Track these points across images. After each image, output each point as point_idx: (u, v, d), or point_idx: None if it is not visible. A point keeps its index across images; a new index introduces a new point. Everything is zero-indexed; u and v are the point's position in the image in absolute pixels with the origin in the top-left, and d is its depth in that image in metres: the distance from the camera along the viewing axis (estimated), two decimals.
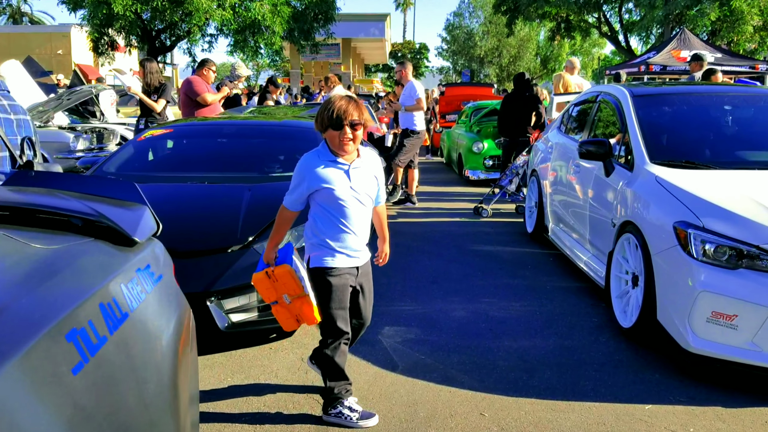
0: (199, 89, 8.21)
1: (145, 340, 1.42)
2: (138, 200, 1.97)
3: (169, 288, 1.80)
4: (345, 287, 3.25)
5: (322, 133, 3.19)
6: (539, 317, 4.79)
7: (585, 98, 6.68)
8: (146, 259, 1.70)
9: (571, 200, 5.96)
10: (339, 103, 3.12)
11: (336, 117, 3.08)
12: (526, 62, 48.55)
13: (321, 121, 3.14)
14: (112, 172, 5.23)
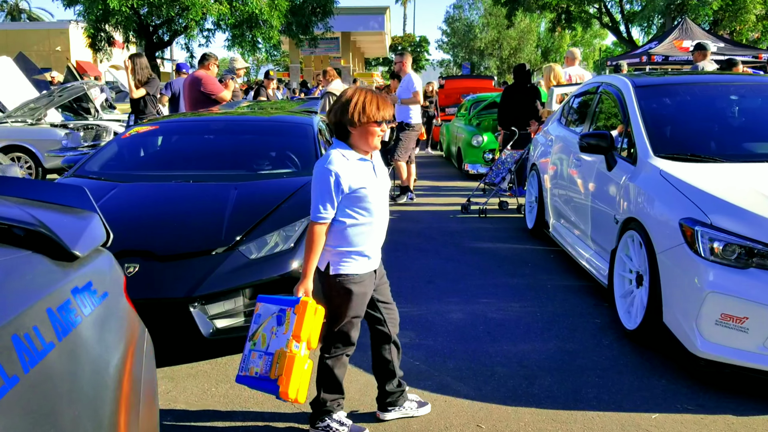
0: (217, 88, 8.15)
1: (75, 376, 1.23)
2: (87, 207, 1.76)
3: (116, 308, 1.60)
4: (366, 295, 3.04)
5: (351, 129, 2.86)
6: (539, 319, 4.59)
7: (586, 89, 6.46)
8: (87, 276, 1.50)
9: (572, 195, 5.76)
10: (369, 97, 2.86)
11: (370, 112, 2.84)
12: (526, 54, 48.19)
13: (351, 117, 2.83)
14: (95, 171, 5.03)
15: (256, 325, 2.87)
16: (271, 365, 2.77)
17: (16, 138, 10.19)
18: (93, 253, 1.64)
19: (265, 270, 3.94)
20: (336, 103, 2.91)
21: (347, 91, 2.94)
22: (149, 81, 8.21)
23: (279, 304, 2.86)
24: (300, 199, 4.46)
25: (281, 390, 2.73)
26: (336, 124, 2.89)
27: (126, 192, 4.55)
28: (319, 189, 2.88)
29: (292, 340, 2.76)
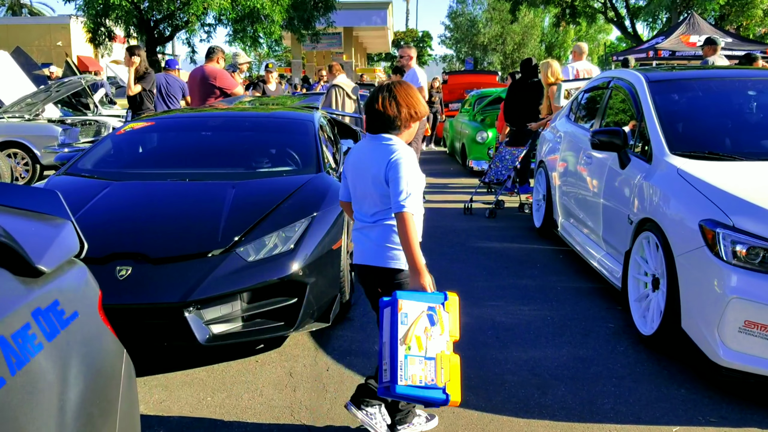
0: (231, 83, 8.06)
1: (31, 417, 1.05)
2: (60, 213, 1.58)
3: (87, 330, 1.41)
4: None
5: (403, 125, 2.78)
6: (550, 323, 4.40)
7: (596, 84, 6.26)
8: (52, 294, 1.32)
9: (583, 194, 5.56)
10: (415, 91, 2.83)
11: (423, 110, 2.80)
12: (530, 49, 47.82)
13: (408, 113, 2.75)
14: (88, 168, 4.85)
15: (405, 326, 2.52)
16: (435, 371, 2.48)
17: (13, 134, 10.01)
18: (64, 265, 1.45)
19: (264, 273, 3.76)
20: (390, 98, 2.77)
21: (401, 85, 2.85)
22: (145, 76, 8.03)
23: (424, 301, 2.57)
24: (300, 198, 4.27)
25: (452, 399, 2.48)
26: (387, 117, 2.76)
27: (119, 191, 4.37)
28: (407, 177, 2.68)
29: (450, 341, 2.55)
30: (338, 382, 3.60)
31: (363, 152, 2.87)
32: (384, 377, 2.53)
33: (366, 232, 2.86)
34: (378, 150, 2.77)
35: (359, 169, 2.85)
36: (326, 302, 4.07)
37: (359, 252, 2.90)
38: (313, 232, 4.03)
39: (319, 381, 3.62)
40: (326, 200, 4.29)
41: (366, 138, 2.91)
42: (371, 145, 2.83)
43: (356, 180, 2.87)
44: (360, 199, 2.87)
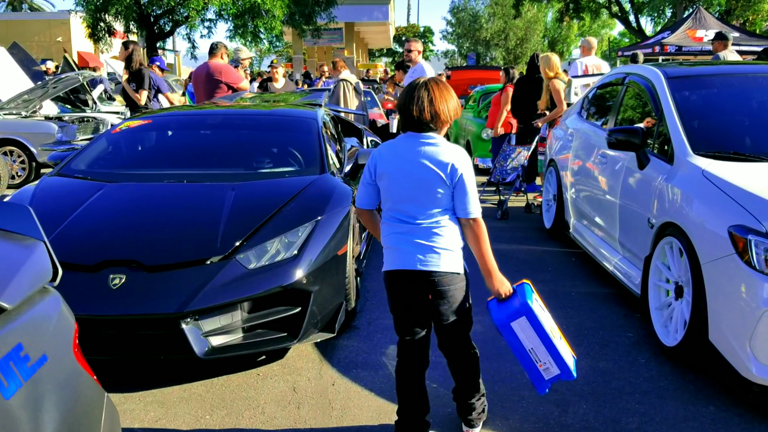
0: (238, 77, 7.92)
1: None
2: (31, 232, 1.36)
3: (58, 377, 1.19)
4: None
5: (446, 124, 2.73)
6: (567, 332, 4.18)
7: (610, 80, 6.03)
8: (14, 337, 1.10)
9: (597, 194, 5.34)
10: (451, 89, 2.78)
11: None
12: (533, 44, 47.47)
13: (453, 111, 2.71)
14: (81, 169, 4.63)
15: (547, 321, 2.89)
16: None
17: (9, 131, 9.79)
18: (34, 296, 1.23)
19: (266, 281, 3.56)
20: (431, 97, 2.68)
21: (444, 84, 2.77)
22: (140, 73, 7.81)
23: (530, 296, 2.88)
24: (303, 201, 4.06)
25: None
26: (429, 117, 2.67)
27: (113, 193, 4.16)
28: (472, 180, 2.70)
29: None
30: (345, 398, 3.39)
31: (406, 152, 2.72)
32: (549, 374, 2.81)
33: (413, 235, 2.71)
34: (428, 151, 2.67)
35: (404, 170, 2.70)
36: (331, 311, 3.86)
37: (402, 257, 2.74)
38: (318, 237, 3.82)
39: (325, 397, 3.41)
40: (331, 203, 4.08)
41: (403, 138, 2.76)
42: (415, 145, 2.70)
43: (401, 181, 2.71)
44: (404, 201, 2.72)
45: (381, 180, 2.78)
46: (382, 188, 2.79)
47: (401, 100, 2.74)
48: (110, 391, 3.42)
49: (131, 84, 7.83)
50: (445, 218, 2.71)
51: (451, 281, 2.73)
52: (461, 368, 2.93)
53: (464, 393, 2.98)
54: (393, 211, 2.76)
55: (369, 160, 2.84)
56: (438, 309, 2.77)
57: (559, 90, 7.80)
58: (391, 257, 2.78)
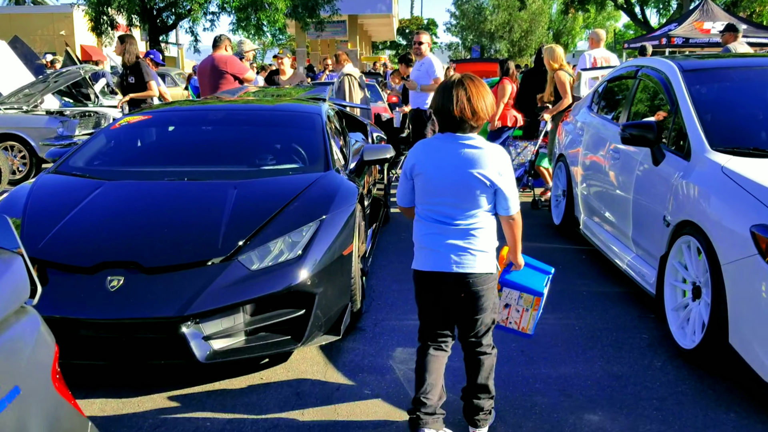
0: (243, 68, 7.88)
1: None
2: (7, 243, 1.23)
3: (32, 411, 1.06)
4: None
5: (484, 121, 2.75)
6: (579, 334, 4.06)
7: (621, 73, 5.89)
8: None
9: (609, 191, 5.20)
10: (486, 85, 2.79)
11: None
12: (538, 37, 47.12)
13: (490, 107, 2.73)
14: (79, 166, 4.51)
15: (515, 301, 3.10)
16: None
17: (9, 126, 9.67)
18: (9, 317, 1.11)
19: (269, 283, 3.44)
20: (469, 96, 2.67)
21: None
22: (137, 64, 7.70)
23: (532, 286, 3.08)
24: (307, 199, 3.93)
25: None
26: (469, 116, 2.68)
27: (112, 192, 4.04)
28: (514, 181, 2.78)
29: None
30: (350, 404, 3.27)
31: (446, 154, 2.72)
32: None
33: (449, 236, 2.74)
34: (471, 154, 2.68)
35: (444, 172, 2.71)
36: (336, 313, 3.74)
37: (437, 258, 2.76)
38: (322, 237, 3.69)
39: (329, 402, 3.29)
40: (336, 201, 3.95)
41: (442, 138, 2.76)
42: (455, 147, 2.71)
43: (440, 182, 2.72)
44: (441, 202, 2.74)
45: (417, 179, 2.78)
46: (418, 187, 2.79)
47: (438, 100, 2.72)
48: (107, 397, 3.32)
49: (129, 77, 7.70)
50: (482, 219, 2.74)
51: (484, 281, 2.76)
52: (478, 363, 2.89)
53: (474, 391, 2.91)
54: (429, 211, 2.78)
55: (406, 159, 2.84)
56: (468, 307, 2.79)
57: (564, 82, 7.64)
58: (425, 257, 2.80)
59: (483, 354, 2.88)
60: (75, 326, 3.28)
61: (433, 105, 2.79)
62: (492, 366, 2.92)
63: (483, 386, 2.90)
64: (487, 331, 2.88)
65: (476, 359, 2.89)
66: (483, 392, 2.91)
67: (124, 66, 7.85)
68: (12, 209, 3.94)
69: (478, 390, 2.91)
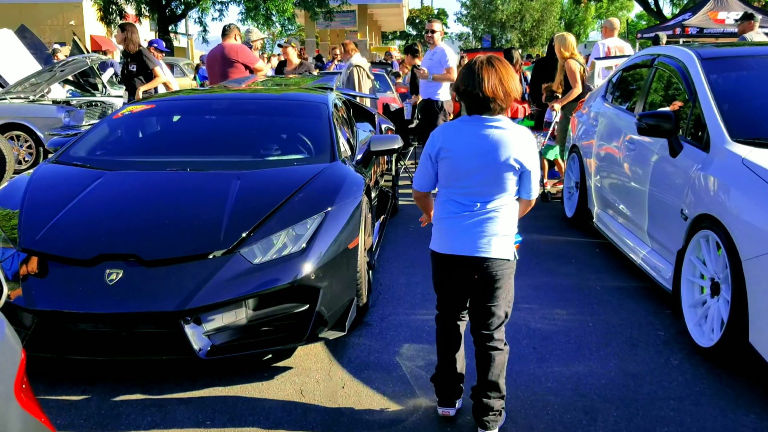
0: (254, 58, 7.83)
1: None
2: None
3: None
4: None
5: (507, 106, 2.71)
6: (592, 330, 3.93)
7: (636, 62, 5.73)
8: None
9: (624, 183, 5.06)
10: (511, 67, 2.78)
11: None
12: (549, 26, 46.67)
13: (513, 92, 2.68)
14: (81, 156, 4.41)
15: None
16: None
17: (15, 116, 9.60)
18: None
19: (272, 277, 3.33)
20: (498, 77, 2.64)
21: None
22: (139, 53, 7.61)
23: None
24: (312, 191, 3.82)
25: None
26: (506, 95, 2.66)
27: (112, 182, 3.94)
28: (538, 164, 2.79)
29: None
30: (355, 402, 3.16)
31: (474, 137, 2.68)
32: None
33: (471, 219, 2.71)
34: (499, 136, 2.65)
35: (472, 154, 2.67)
36: (341, 308, 3.63)
37: (457, 241, 2.73)
38: (327, 230, 3.58)
39: (334, 401, 3.18)
40: (341, 193, 3.83)
41: (469, 120, 2.72)
42: (483, 129, 2.67)
43: (466, 166, 2.68)
44: (466, 185, 2.70)
45: (443, 162, 2.73)
46: (444, 171, 2.75)
47: (466, 81, 2.66)
48: (105, 394, 3.22)
49: (131, 65, 7.61)
50: (506, 202, 2.71)
51: (501, 266, 2.72)
52: (489, 359, 2.81)
53: (484, 390, 2.81)
54: (452, 194, 2.74)
55: (429, 143, 2.78)
56: (483, 293, 2.76)
57: (574, 71, 7.47)
58: (444, 240, 2.77)
59: (495, 349, 2.80)
60: (72, 320, 3.19)
61: (459, 86, 2.71)
62: (503, 363, 2.83)
63: (494, 384, 2.80)
64: (500, 324, 2.82)
65: (487, 354, 2.80)
66: (493, 391, 2.81)
67: (126, 54, 7.78)
68: (10, 200, 3.85)
69: (488, 388, 2.81)
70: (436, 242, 2.82)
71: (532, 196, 2.78)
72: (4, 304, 3.33)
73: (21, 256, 3.41)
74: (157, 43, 9.40)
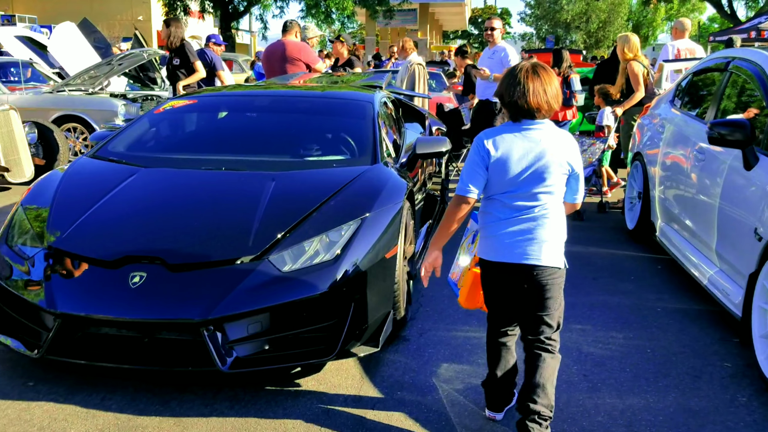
0: (315, 57, 7.74)
1: None
2: None
3: None
4: None
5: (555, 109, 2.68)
6: (651, 358, 3.59)
7: (709, 65, 5.30)
8: None
9: (691, 195, 4.66)
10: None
11: None
12: (616, 28, 45.38)
13: (559, 95, 2.66)
14: (119, 151, 4.30)
15: (465, 237, 3.04)
16: (460, 276, 3.02)
17: (72, 108, 9.71)
18: None
19: (301, 286, 3.13)
20: (544, 84, 2.60)
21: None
22: (182, 47, 7.56)
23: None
24: (350, 194, 3.59)
25: (459, 299, 3.01)
26: (549, 104, 2.61)
27: (144, 180, 3.80)
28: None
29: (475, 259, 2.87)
30: (384, 428, 2.92)
31: (521, 141, 2.62)
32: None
33: (520, 225, 2.64)
34: (547, 140, 2.61)
35: (520, 159, 2.60)
36: (376, 322, 3.38)
37: (506, 248, 2.65)
38: (363, 237, 3.35)
39: (362, 425, 2.94)
40: (381, 198, 3.60)
41: (514, 126, 2.66)
42: (530, 132, 2.62)
43: (515, 170, 2.60)
44: (515, 190, 2.63)
45: (493, 167, 2.64)
46: (493, 176, 2.65)
47: (508, 91, 2.60)
48: (123, 404, 3.07)
49: (174, 60, 7.57)
50: (554, 207, 2.66)
51: (552, 275, 2.66)
52: (538, 360, 2.69)
53: (531, 393, 2.66)
54: (499, 200, 2.67)
55: (477, 148, 2.68)
56: (533, 302, 2.69)
57: (637, 73, 7.04)
58: (493, 247, 2.69)
59: (546, 351, 2.71)
60: (90, 324, 3.06)
61: (504, 96, 2.64)
62: (554, 369, 2.72)
63: (542, 387, 2.66)
64: (551, 329, 2.73)
65: (537, 355, 2.71)
66: (541, 395, 2.65)
67: (169, 49, 7.76)
68: (43, 195, 3.76)
69: (536, 392, 2.65)
70: (484, 250, 2.74)
71: (578, 199, 2.74)
72: (28, 303, 3.24)
73: (47, 254, 3.30)
74: (214, 38, 9.37)
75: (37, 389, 3.19)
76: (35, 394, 3.15)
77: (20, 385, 3.23)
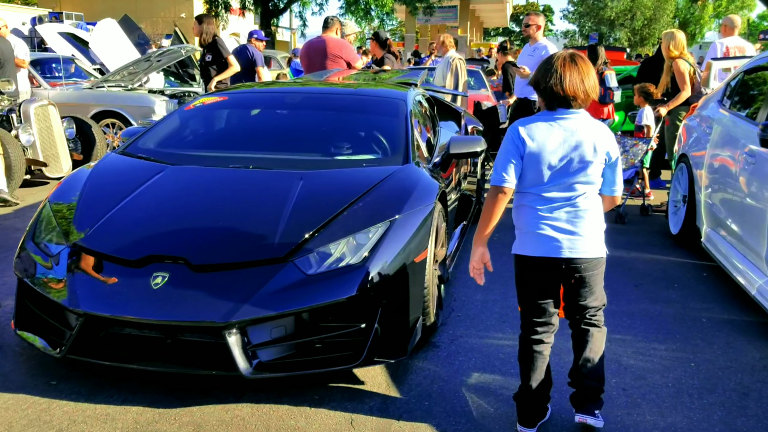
0: (356, 55, 7.67)
1: None
2: None
3: None
4: None
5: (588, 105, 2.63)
6: (695, 373, 3.39)
7: (761, 63, 5.04)
8: None
9: (740, 200, 4.42)
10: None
11: None
12: (662, 25, 44.35)
13: (595, 89, 2.61)
14: (148, 148, 4.25)
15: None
16: None
17: (111, 104, 9.80)
18: None
19: (327, 290, 3.03)
20: (582, 73, 2.56)
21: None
22: (214, 43, 7.54)
23: None
24: (379, 195, 3.47)
25: None
26: (586, 93, 2.57)
27: (171, 177, 3.73)
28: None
29: None
30: None
31: (557, 131, 2.58)
32: None
33: (560, 219, 2.59)
34: (584, 130, 2.57)
35: (557, 149, 2.56)
36: (404, 328, 3.26)
37: (545, 243, 2.60)
38: (392, 240, 3.23)
39: None
40: (412, 199, 3.47)
41: (550, 115, 2.61)
42: (567, 123, 2.58)
43: (552, 161, 2.56)
44: (552, 181, 2.58)
45: (528, 158, 2.59)
46: (529, 167, 2.60)
47: (544, 77, 2.56)
48: (144, 406, 3.00)
49: (207, 56, 7.56)
50: (592, 199, 2.61)
51: (595, 266, 2.65)
52: (586, 335, 2.74)
53: (581, 370, 2.74)
54: (537, 192, 2.61)
55: (512, 137, 2.63)
56: (578, 292, 2.68)
57: (683, 72, 6.78)
58: (532, 242, 2.64)
59: (593, 325, 2.74)
60: (112, 325, 3.00)
61: (539, 83, 2.59)
62: (602, 342, 2.76)
63: (592, 363, 2.71)
64: (597, 309, 2.75)
65: (585, 331, 2.74)
66: (592, 372, 2.72)
67: (202, 45, 7.76)
68: (70, 191, 3.72)
69: (586, 369, 2.72)
70: (521, 245, 2.68)
71: (616, 192, 2.68)
72: (53, 302, 3.19)
73: (71, 252, 3.25)
74: (257, 34, 9.35)
75: (59, 388, 3.15)
76: (57, 394, 3.10)
77: (43, 384, 3.19)
